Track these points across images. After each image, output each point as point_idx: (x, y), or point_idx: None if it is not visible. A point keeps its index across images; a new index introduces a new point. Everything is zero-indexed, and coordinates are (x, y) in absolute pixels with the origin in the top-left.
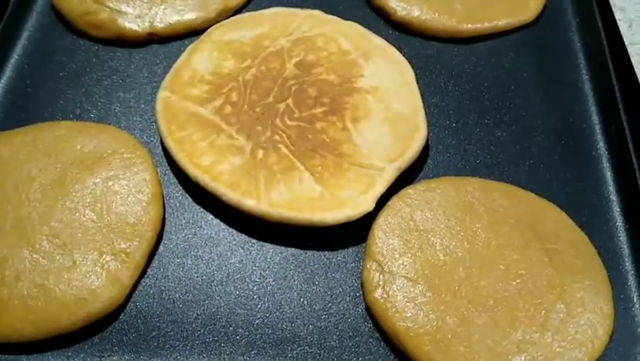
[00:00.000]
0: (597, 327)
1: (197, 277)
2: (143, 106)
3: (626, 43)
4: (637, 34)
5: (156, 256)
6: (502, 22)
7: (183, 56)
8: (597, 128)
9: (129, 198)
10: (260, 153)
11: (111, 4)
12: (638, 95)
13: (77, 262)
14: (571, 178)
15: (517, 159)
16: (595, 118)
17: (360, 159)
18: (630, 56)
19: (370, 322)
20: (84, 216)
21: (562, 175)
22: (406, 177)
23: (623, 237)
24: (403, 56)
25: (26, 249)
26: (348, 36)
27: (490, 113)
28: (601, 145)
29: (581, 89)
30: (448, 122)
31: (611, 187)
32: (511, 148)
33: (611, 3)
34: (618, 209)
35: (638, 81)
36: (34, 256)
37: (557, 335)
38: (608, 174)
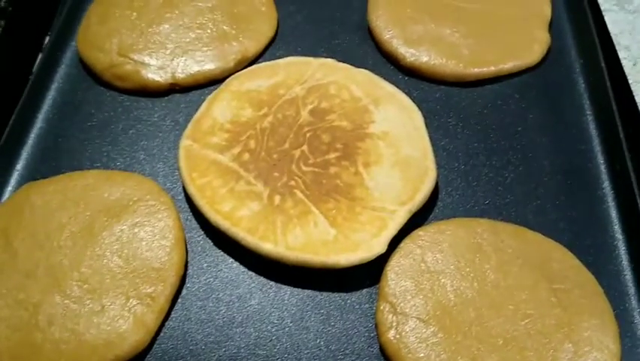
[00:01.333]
0: None
1: (219, 319)
2: (166, 153)
3: (630, 81)
4: None
5: (179, 299)
6: (507, 66)
7: (204, 105)
8: (602, 167)
9: (154, 244)
10: (277, 199)
11: (135, 57)
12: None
13: (105, 306)
14: (577, 218)
15: (524, 199)
16: (600, 158)
17: (372, 203)
18: (635, 95)
19: None
20: (111, 262)
21: (568, 215)
22: (417, 219)
23: (628, 276)
24: (412, 100)
25: (58, 294)
26: (359, 83)
27: (498, 155)
28: (606, 185)
29: (586, 129)
30: (457, 164)
31: (617, 226)
32: (519, 189)
33: (615, 42)
34: (624, 248)
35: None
36: (66, 301)
37: None
38: (614, 214)
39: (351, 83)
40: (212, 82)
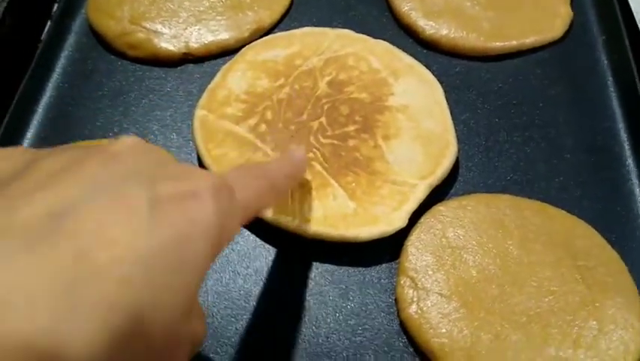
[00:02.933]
0: (629, 344)
1: (235, 291)
2: (179, 124)
3: None
4: None
5: None
6: (529, 40)
7: (218, 75)
8: (626, 145)
9: None
10: None
11: (147, 25)
12: None
13: None
14: (601, 195)
15: (547, 176)
16: (623, 135)
17: (392, 176)
18: None
19: (405, 337)
20: None
21: (592, 192)
22: (437, 194)
23: None
24: (432, 73)
25: None
26: (378, 55)
27: (520, 131)
28: (630, 162)
29: (609, 106)
30: (477, 140)
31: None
32: (541, 165)
33: (637, 19)
34: None
35: None
36: None
37: (590, 351)
38: (638, 191)
39: (370, 54)
40: (227, 52)
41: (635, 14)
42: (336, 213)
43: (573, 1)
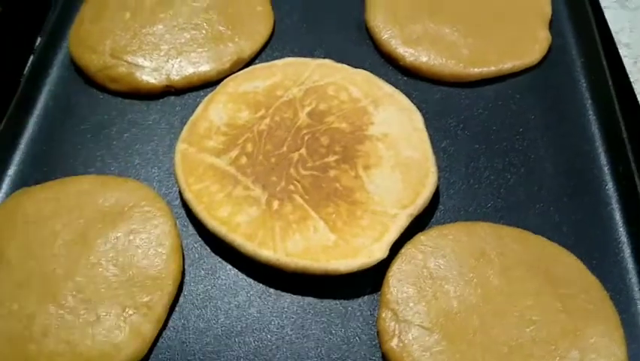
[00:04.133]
0: None
1: (217, 328)
2: (161, 157)
3: (632, 80)
4: None
5: (177, 308)
6: (508, 65)
7: (200, 108)
8: (605, 169)
9: (150, 252)
10: (275, 204)
11: (128, 58)
12: None
13: (101, 316)
14: (581, 221)
15: (527, 202)
16: (603, 159)
17: (372, 206)
18: (637, 93)
19: None
20: (107, 270)
21: (572, 218)
22: (418, 222)
23: (634, 279)
24: (412, 100)
25: (52, 305)
26: (358, 84)
27: (500, 157)
28: (610, 186)
29: (588, 129)
30: (458, 167)
31: (621, 229)
32: (521, 191)
33: (616, 40)
34: (629, 251)
35: None
36: (60, 311)
37: None
38: (617, 216)
39: (350, 83)
40: (208, 84)
41: (614, 35)
42: (316, 245)
43: (551, 24)
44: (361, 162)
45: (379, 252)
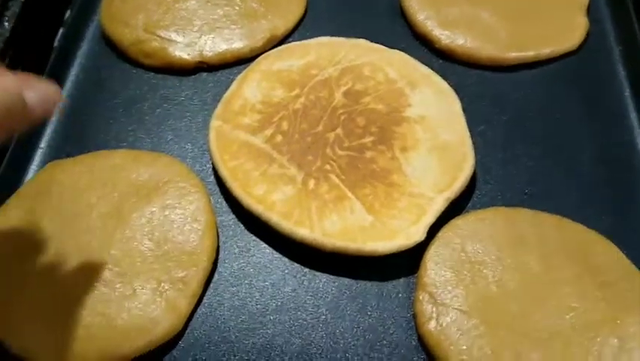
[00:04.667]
0: None
1: (252, 305)
2: (194, 134)
3: None
4: None
5: (212, 284)
6: (546, 51)
7: (234, 85)
8: None
9: (185, 227)
10: (311, 183)
11: (162, 33)
12: None
13: (137, 290)
14: (619, 209)
15: (565, 189)
16: None
17: (410, 189)
18: None
19: (423, 353)
20: (142, 245)
21: (610, 206)
22: (454, 207)
23: None
24: (448, 84)
25: (88, 277)
26: (394, 65)
27: (537, 143)
28: None
29: (627, 118)
30: (494, 152)
31: None
32: (559, 178)
33: None
34: None
35: None
36: (96, 284)
37: None
38: None
39: (386, 64)
40: (240, 61)
41: None
42: (354, 226)
43: (589, 11)
44: (398, 143)
45: (417, 234)
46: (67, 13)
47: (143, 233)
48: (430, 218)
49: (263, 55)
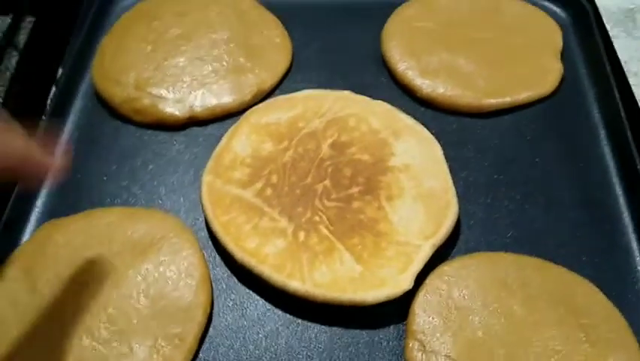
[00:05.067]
0: None
1: (246, 358)
2: (187, 187)
3: None
4: None
5: (207, 338)
6: (522, 96)
7: (224, 139)
8: (621, 199)
9: (180, 283)
10: (302, 235)
11: (152, 91)
12: None
13: (134, 348)
14: (599, 251)
15: (546, 232)
16: (618, 189)
17: (397, 237)
18: None
19: None
20: (138, 302)
21: (590, 248)
22: (440, 253)
23: None
24: (429, 131)
25: (86, 337)
26: (377, 115)
27: (518, 187)
28: (626, 216)
29: (603, 159)
30: (477, 197)
31: (638, 258)
32: (540, 221)
33: (626, 70)
34: None
35: None
36: (94, 343)
37: None
38: (635, 245)
39: (370, 115)
40: (230, 115)
41: (623, 64)
42: (343, 277)
43: (563, 56)
44: (384, 193)
45: (405, 282)
46: (60, 72)
47: (139, 291)
48: (417, 266)
49: (251, 109)
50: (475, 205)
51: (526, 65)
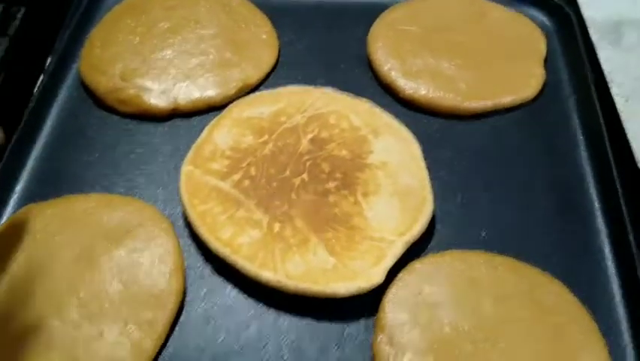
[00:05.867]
0: None
1: (216, 346)
2: (166, 178)
3: (622, 118)
4: (634, 107)
5: (178, 326)
6: (504, 100)
7: (205, 131)
8: (596, 203)
9: (153, 270)
10: (277, 227)
11: (138, 82)
12: (634, 173)
13: (104, 332)
14: (571, 252)
15: (520, 232)
16: (593, 193)
17: (371, 232)
18: (627, 132)
19: None
20: (111, 287)
21: (562, 249)
22: (414, 249)
23: (621, 311)
24: (410, 131)
25: (57, 319)
26: (359, 113)
27: (494, 188)
28: (600, 221)
29: (580, 165)
30: (453, 196)
31: (610, 262)
32: (515, 222)
33: (609, 79)
34: (617, 284)
35: (635, 160)
36: (64, 325)
37: None
38: (607, 249)
39: (351, 112)
40: (213, 108)
41: (607, 74)
42: (316, 268)
43: (547, 62)
44: (360, 189)
45: (377, 276)
46: (49, 61)
47: (112, 275)
48: (389, 261)
49: (235, 102)
50: (451, 204)
51: (509, 70)
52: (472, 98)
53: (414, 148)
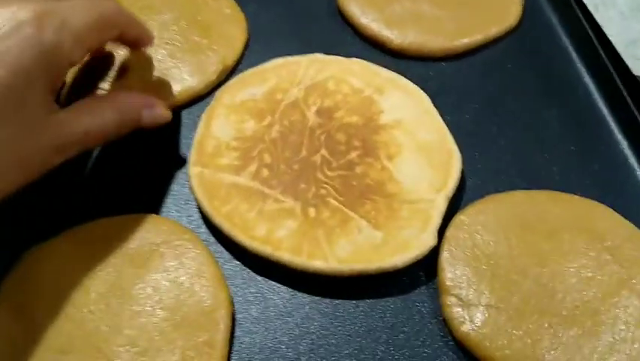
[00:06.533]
0: None
1: (284, 350)
2: (172, 184)
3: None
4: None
5: (235, 339)
6: (492, 32)
7: (200, 125)
8: (608, 118)
9: (195, 287)
10: (312, 212)
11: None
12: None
13: None
14: (599, 171)
15: (547, 162)
16: (602, 105)
17: (407, 196)
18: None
19: (465, 357)
20: (155, 316)
21: (591, 170)
22: (450, 204)
23: None
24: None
25: None
26: (355, 74)
27: (508, 123)
28: (616, 133)
29: (580, 79)
30: (472, 140)
31: (637, 169)
32: (537, 153)
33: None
34: None
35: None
36: None
37: None
38: (633, 161)
39: (348, 74)
40: (197, 99)
41: None
42: (365, 245)
43: None
44: (383, 152)
45: (429, 240)
46: None
47: (153, 303)
48: (436, 221)
49: (220, 88)
50: (471, 149)
51: (487, 2)
52: (461, 35)
53: (423, 100)
